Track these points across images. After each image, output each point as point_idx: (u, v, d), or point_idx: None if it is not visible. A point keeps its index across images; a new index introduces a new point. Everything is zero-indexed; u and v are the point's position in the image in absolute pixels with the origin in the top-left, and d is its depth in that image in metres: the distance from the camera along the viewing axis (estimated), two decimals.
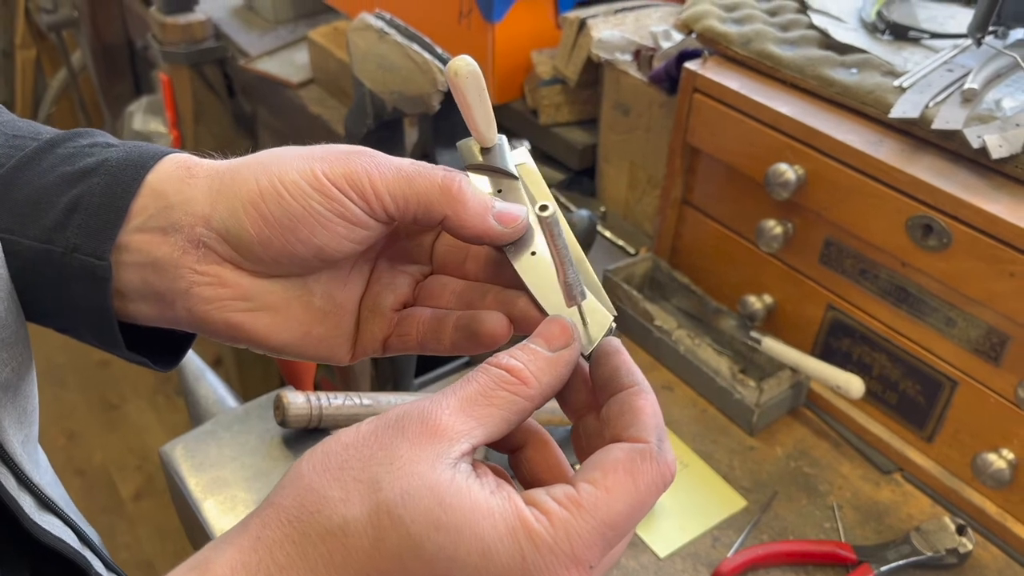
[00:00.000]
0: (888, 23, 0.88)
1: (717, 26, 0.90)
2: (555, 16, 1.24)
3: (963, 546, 0.74)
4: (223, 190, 0.40)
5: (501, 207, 0.41)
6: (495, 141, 0.44)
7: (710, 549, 0.76)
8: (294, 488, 0.33)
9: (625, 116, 1.12)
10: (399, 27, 0.99)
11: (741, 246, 0.93)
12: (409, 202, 0.39)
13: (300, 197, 0.39)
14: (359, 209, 0.39)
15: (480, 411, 0.34)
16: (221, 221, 0.40)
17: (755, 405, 0.85)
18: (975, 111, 0.75)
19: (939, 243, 0.73)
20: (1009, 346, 0.73)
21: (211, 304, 0.41)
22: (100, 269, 0.40)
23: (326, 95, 1.48)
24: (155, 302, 0.42)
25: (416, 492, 0.31)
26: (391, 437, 0.33)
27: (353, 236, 0.40)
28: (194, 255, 0.40)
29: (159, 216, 0.40)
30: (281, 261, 0.40)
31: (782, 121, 0.81)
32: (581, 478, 0.34)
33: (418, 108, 0.93)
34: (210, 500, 0.66)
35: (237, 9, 1.77)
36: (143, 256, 0.40)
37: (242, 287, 0.41)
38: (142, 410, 2.33)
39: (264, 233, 0.39)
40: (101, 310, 0.41)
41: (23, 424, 0.44)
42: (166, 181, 0.41)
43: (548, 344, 0.37)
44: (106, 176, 0.41)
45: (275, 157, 0.41)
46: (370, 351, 0.45)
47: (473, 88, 0.41)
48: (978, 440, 0.77)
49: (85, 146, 0.43)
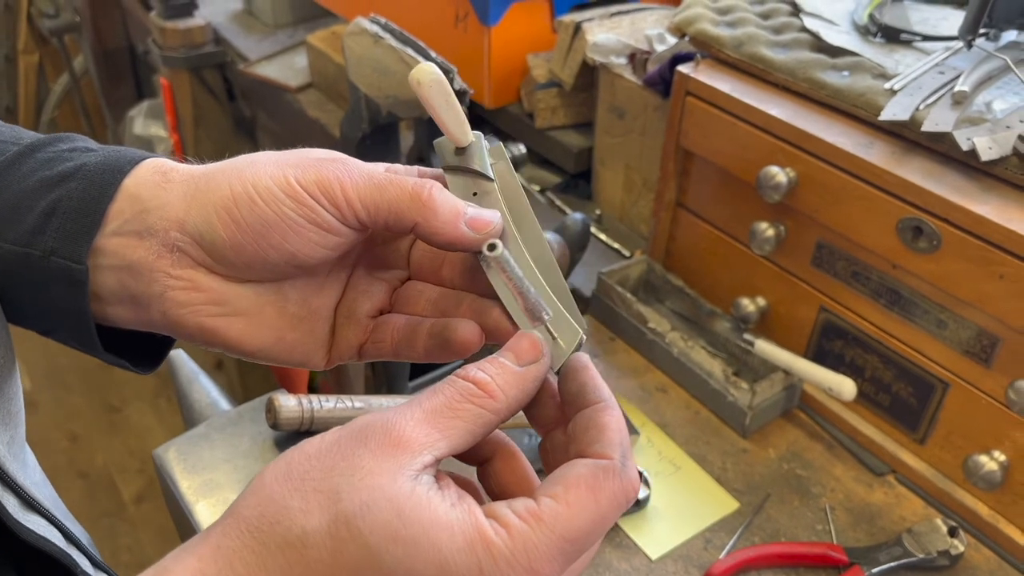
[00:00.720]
0: (880, 26, 0.88)
1: (710, 29, 0.90)
2: (551, 20, 1.24)
3: (955, 548, 0.74)
4: (197, 195, 0.41)
5: (473, 213, 0.41)
6: (470, 139, 0.44)
7: (702, 551, 0.77)
8: (256, 497, 0.33)
9: (620, 119, 1.12)
10: (394, 31, 1.00)
11: (734, 248, 0.93)
12: (380, 209, 0.40)
13: (272, 203, 0.39)
14: (331, 216, 0.40)
15: (445, 423, 0.34)
16: (195, 226, 0.40)
17: (748, 407, 0.85)
18: (965, 113, 0.75)
19: (929, 245, 0.73)
20: (1000, 348, 0.73)
21: (185, 308, 0.41)
22: (77, 272, 0.40)
23: (325, 99, 1.48)
24: (131, 305, 0.42)
25: (375, 504, 0.31)
26: (353, 448, 0.33)
27: (325, 242, 0.40)
28: (169, 259, 0.41)
29: (135, 220, 0.41)
30: (254, 266, 0.41)
31: (773, 124, 0.82)
32: (543, 492, 0.34)
33: (413, 112, 0.93)
34: (202, 502, 0.67)
35: (236, 14, 1.78)
36: (119, 260, 0.41)
37: (216, 291, 0.41)
38: (144, 413, 2.34)
39: (236, 238, 0.40)
40: (79, 313, 0.41)
41: (8, 425, 0.44)
42: (142, 185, 0.41)
43: (517, 359, 0.37)
44: (84, 180, 0.41)
45: (249, 163, 0.41)
46: (345, 357, 0.45)
47: (438, 95, 0.42)
48: (970, 442, 0.78)
49: (65, 151, 0.44)
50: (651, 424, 0.88)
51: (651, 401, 0.91)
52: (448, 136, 0.44)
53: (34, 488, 0.45)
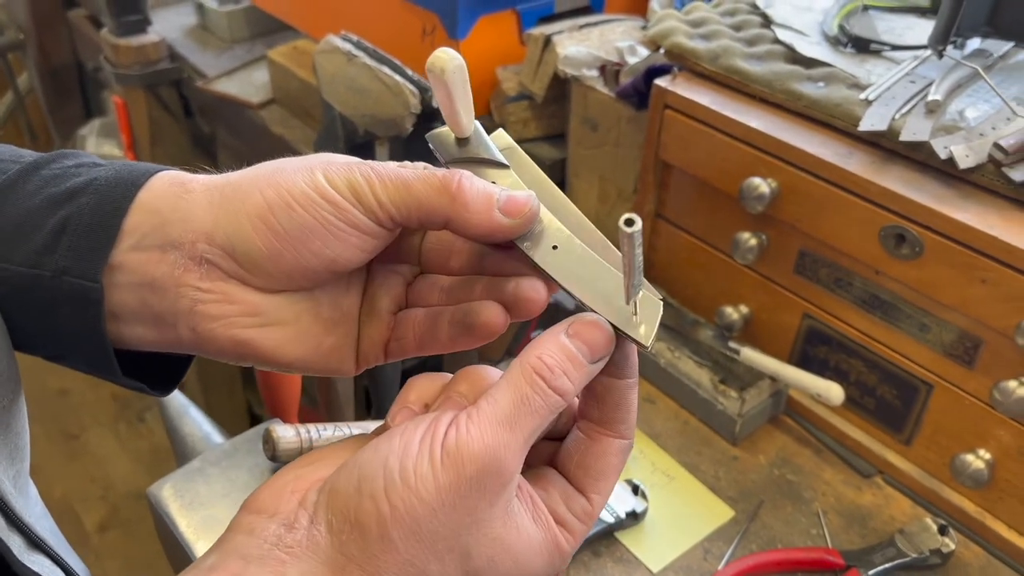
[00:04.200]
0: (850, 36, 0.90)
1: (685, 42, 0.91)
2: (519, 33, 1.24)
3: (946, 546, 0.76)
4: (224, 204, 0.39)
5: (506, 197, 0.39)
6: (472, 129, 0.42)
7: (702, 561, 0.77)
8: (392, 560, 0.34)
9: (593, 131, 1.12)
10: (367, 49, 0.99)
11: (716, 258, 0.94)
12: (411, 208, 0.39)
13: (311, 208, 0.38)
14: (366, 218, 0.39)
15: (525, 426, 0.35)
16: (226, 236, 0.39)
17: (738, 415, 0.86)
18: (940, 122, 0.77)
19: (912, 252, 0.74)
20: (982, 349, 0.75)
21: (217, 321, 0.40)
22: (92, 291, 0.39)
23: (288, 115, 1.46)
24: (153, 324, 0.41)
25: (498, 557, 0.35)
26: (475, 499, 0.34)
27: (364, 245, 0.39)
28: (196, 272, 0.39)
29: (155, 234, 0.39)
30: (292, 275, 0.40)
31: (753, 135, 0.83)
32: (593, 489, 0.39)
33: (391, 131, 0.93)
34: (203, 540, 0.65)
35: (191, 29, 1.74)
36: (139, 276, 0.39)
37: (250, 302, 0.40)
38: (103, 439, 2.28)
39: (274, 247, 0.38)
40: (94, 334, 0.40)
41: (14, 460, 0.43)
42: (160, 198, 0.40)
43: (592, 354, 0.37)
44: (95, 196, 0.40)
45: (277, 169, 0.40)
46: (372, 359, 0.45)
47: (460, 82, 0.40)
48: (955, 441, 0.80)
49: (71, 167, 0.42)
50: (642, 435, 0.89)
51: (640, 412, 0.92)
52: (455, 127, 0.42)
53: (37, 523, 0.43)
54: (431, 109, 0.92)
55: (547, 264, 0.39)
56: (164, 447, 2.26)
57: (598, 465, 0.38)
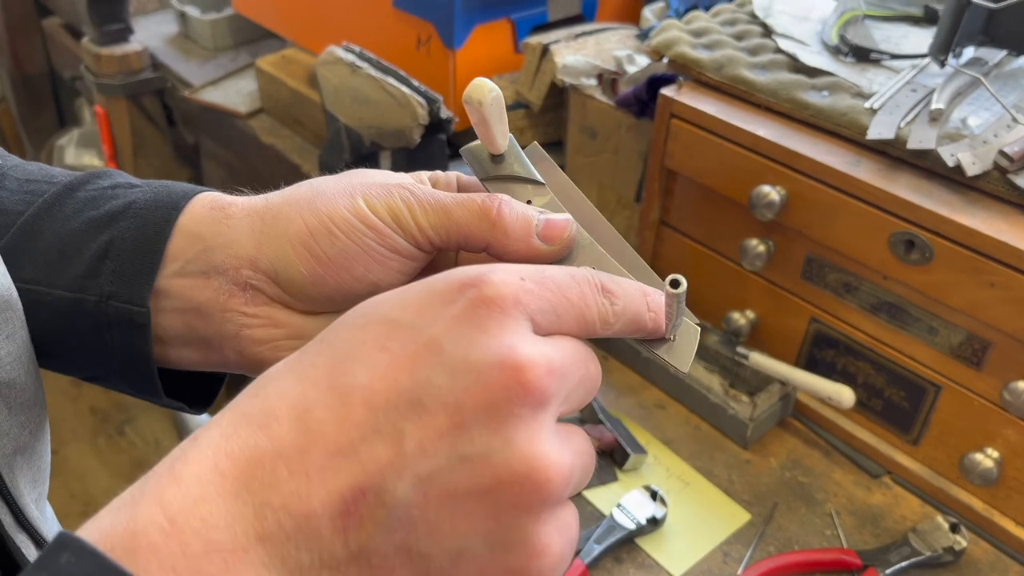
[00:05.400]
0: (851, 46, 0.92)
1: (689, 52, 0.92)
2: (513, 42, 1.25)
3: (958, 544, 0.78)
4: (266, 231, 0.40)
5: (545, 222, 0.39)
6: (507, 145, 0.42)
7: (722, 565, 0.78)
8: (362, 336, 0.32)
9: (592, 139, 1.13)
10: (370, 60, 0.99)
11: (722, 264, 0.95)
12: (451, 233, 0.39)
13: (352, 234, 0.38)
14: (407, 243, 0.39)
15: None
16: (269, 262, 0.39)
17: (749, 419, 0.88)
18: (944, 130, 0.79)
19: (921, 257, 0.76)
20: (991, 351, 0.77)
21: (264, 345, 0.40)
22: (139, 316, 0.39)
23: (278, 124, 1.45)
24: (199, 347, 0.41)
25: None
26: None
27: (405, 269, 0.40)
28: (241, 297, 0.40)
29: (198, 260, 0.40)
30: (335, 298, 0.40)
31: (761, 144, 0.84)
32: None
33: (399, 142, 0.93)
34: None
35: (173, 38, 1.73)
36: (184, 302, 0.40)
37: (295, 325, 0.41)
38: (83, 454, 2.24)
39: (317, 272, 0.39)
40: (140, 358, 0.40)
41: (37, 483, 0.43)
42: (201, 223, 0.40)
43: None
44: (136, 219, 0.40)
45: (317, 193, 0.40)
46: None
47: (497, 111, 0.40)
48: (963, 441, 0.82)
49: (107, 187, 0.42)
50: (655, 441, 0.90)
51: (652, 419, 0.93)
52: (490, 146, 0.42)
53: None
54: (439, 120, 0.92)
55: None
56: (145, 460, 2.22)
57: None
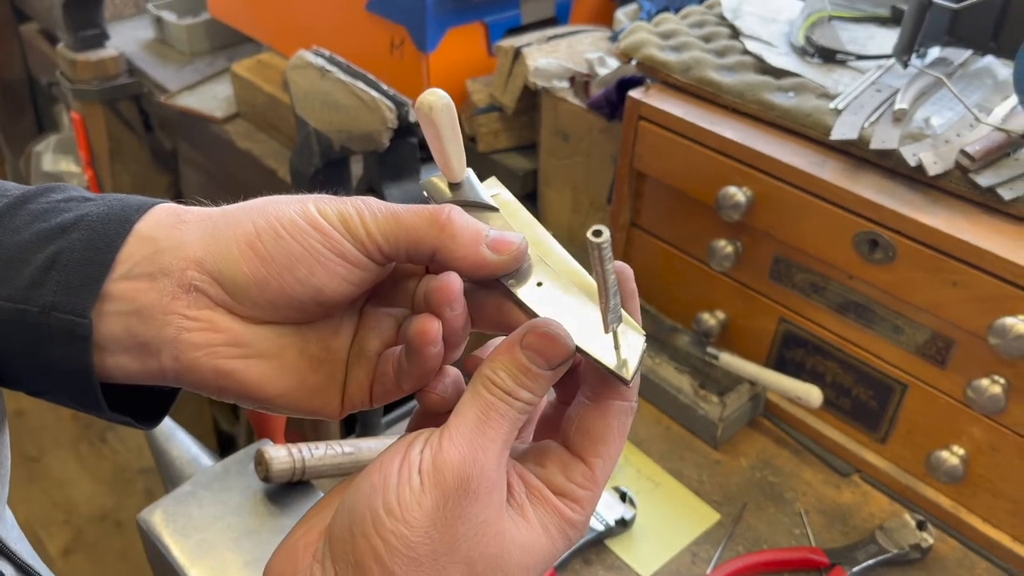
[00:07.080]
0: (816, 47, 0.92)
1: (657, 54, 0.93)
2: (487, 45, 1.25)
3: (924, 541, 0.78)
4: (216, 233, 0.40)
5: (495, 235, 0.40)
6: (464, 175, 0.43)
7: (690, 565, 0.79)
8: None
9: (565, 142, 1.14)
10: (340, 64, 0.99)
11: (692, 265, 0.96)
12: (399, 239, 0.39)
13: (298, 235, 0.39)
14: (354, 248, 0.39)
15: (501, 435, 0.36)
16: (214, 262, 0.39)
17: (719, 419, 0.88)
18: (907, 130, 0.80)
19: (885, 256, 0.77)
20: (954, 349, 0.77)
21: (201, 351, 0.40)
22: (80, 327, 0.38)
23: (254, 129, 1.45)
24: (138, 353, 0.40)
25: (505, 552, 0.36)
26: (464, 508, 0.34)
27: (351, 277, 0.40)
28: (184, 300, 0.39)
29: (146, 262, 0.39)
30: (277, 303, 0.40)
31: (728, 146, 0.85)
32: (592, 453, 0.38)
33: (368, 146, 0.93)
34: (197, 567, 0.64)
35: (149, 43, 1.72)
36: (127, 304, 0.39)
37: (235, 332, 0.40)
38: (64, 461, 2.22)
39: (260, 273, 0.39)
40: (80, 371, 0.39)
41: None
42: (156, 227, 0.40)
43: (547, 363, 0.37)
44: (87, 231, 0.39)
45: (269, 200, 0.41)
46: (358, 402, 0.44)
47: (448, 121, 0.40)
48: (929, 439, 0.82)
49: (59, 201, 0.42)
50: (626, 442, 0.90)
51: None
52: (445, 170, 0.42)
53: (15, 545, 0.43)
54: (407, 123, 0.92)
55: (530, 300, 0.40)
56: (128, 467, 2.21)
57: (597, 428, 0.38)
